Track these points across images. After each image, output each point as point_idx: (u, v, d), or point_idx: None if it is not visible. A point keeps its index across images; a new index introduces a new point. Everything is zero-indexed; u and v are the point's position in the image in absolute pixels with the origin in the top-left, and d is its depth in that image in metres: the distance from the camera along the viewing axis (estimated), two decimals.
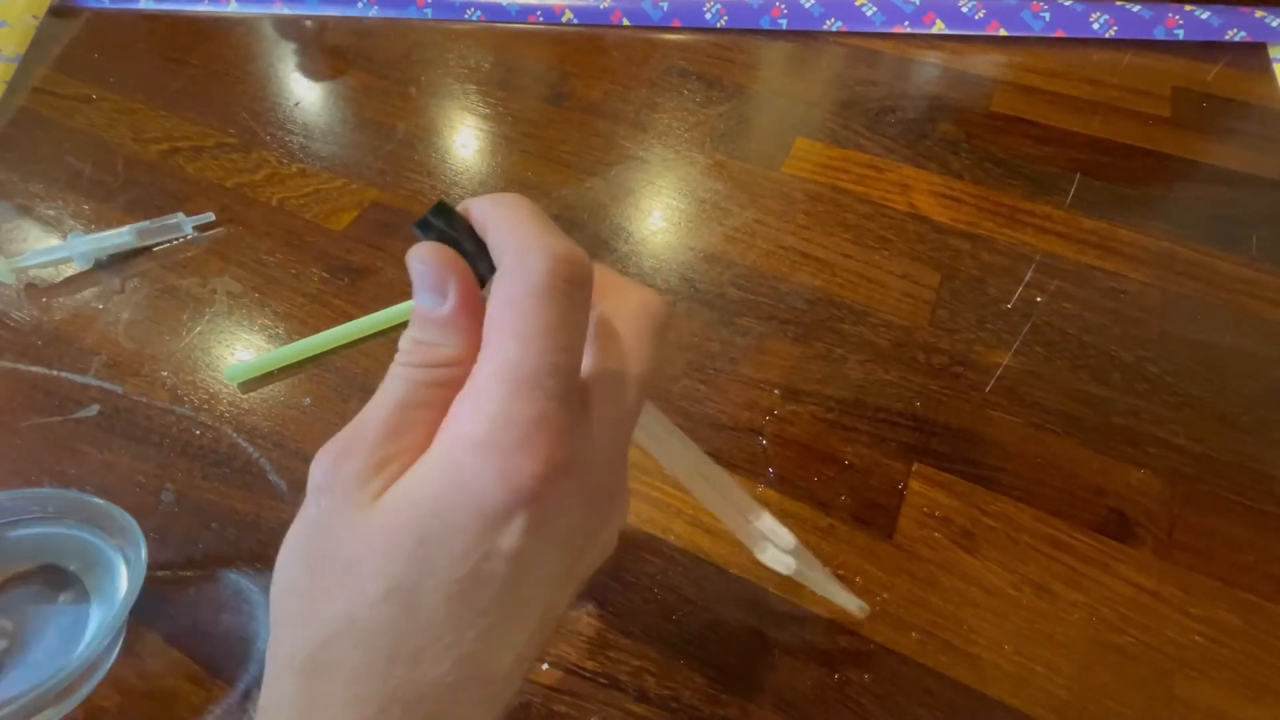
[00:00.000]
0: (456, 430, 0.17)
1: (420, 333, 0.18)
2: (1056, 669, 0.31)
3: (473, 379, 0.17)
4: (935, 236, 0.48)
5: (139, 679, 0.30)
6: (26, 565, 0.32)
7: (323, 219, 0.48)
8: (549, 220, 0.18)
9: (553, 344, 0.17)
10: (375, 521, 0.17)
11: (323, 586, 0.17)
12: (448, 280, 0.18)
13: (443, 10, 0.66)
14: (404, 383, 0.18)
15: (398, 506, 0.17)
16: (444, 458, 0.17)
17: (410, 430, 0.18)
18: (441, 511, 0.17)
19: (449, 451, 0.17)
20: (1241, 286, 0.45)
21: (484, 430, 0.17)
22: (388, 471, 0.17)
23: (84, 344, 0.41)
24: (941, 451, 0.37)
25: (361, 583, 0.17)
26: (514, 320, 0.17)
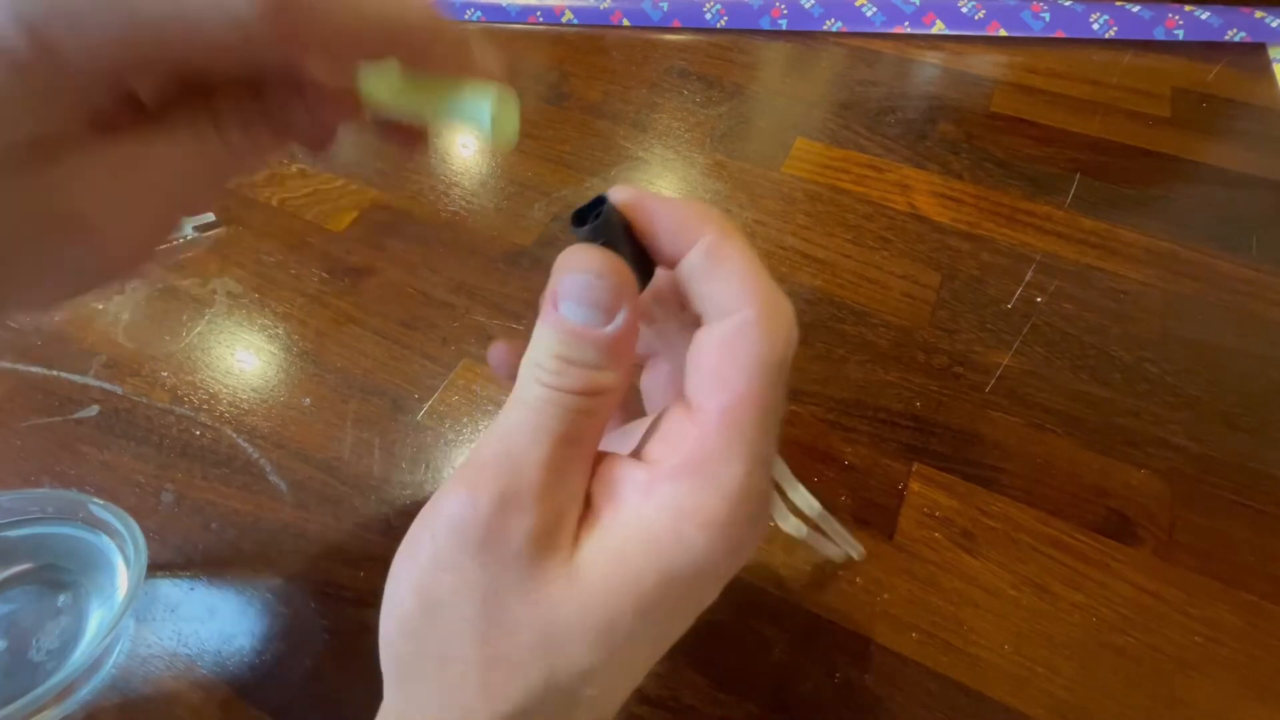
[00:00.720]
0: (679, 499, 0.16)
1: (575, 352, 0.16)
2: (1057, 669, 0.31)
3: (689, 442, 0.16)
4: (935, 237, 0.48)
5: (139, 680, 0.30)
6: (26, 565, 0.32)
7: (323, 219, 0.48)
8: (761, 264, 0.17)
9: (777, 419, 0.16)
10: (581, 589, 0.16)
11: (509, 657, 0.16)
12: (622, 299, 0.16)
13: (442, 11, 0.66)
14: (562, 412, 0.16)
15: (612, 579, 0.16)
16: (670, 531, 0.16)
17: (572, 473, 0.16)
18: (668, 588, 0.16)
19: (674, 525, 0.16)
20: (1242, 287, 0.45)
21: (720, 509, 0.16)
22: (566, 527, 0.16)
23: (84, 344, 0.41)
24: (942, 452, 0.37)
25: (569, 655, 0.16)
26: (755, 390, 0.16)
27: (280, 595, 0.32)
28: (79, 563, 0.32)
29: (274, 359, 0.41)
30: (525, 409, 0.16)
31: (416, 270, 0.45)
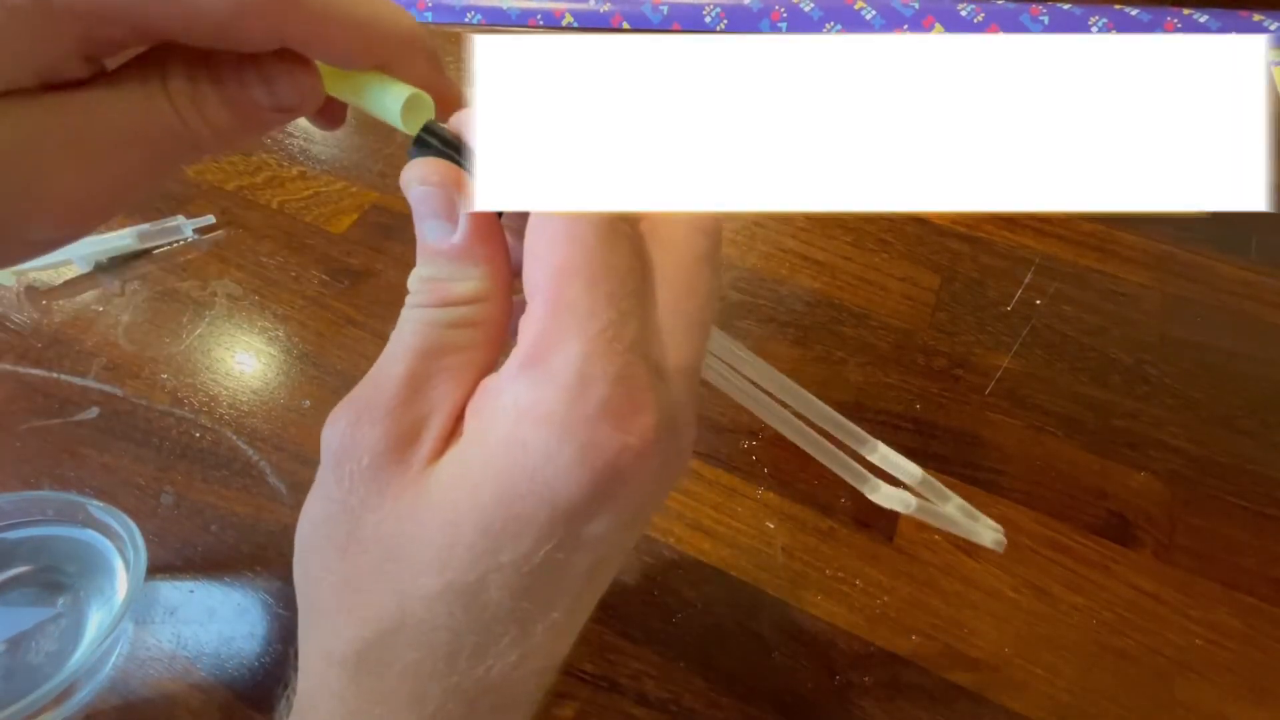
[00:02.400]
0: (517, 398, 0.14)
1: (430, 269, 0.16)
2: (1057, 672, 0.31)
3: (528, 333, 0.14)
4: (935, 239, 0.48)
5: (138, 683, 0.30)
6: (25, 568, 0.32)
7: (323, 222, 0.48)
8: None
9: (622, 286, 0.14)
10: (423, 505, 0.15)
11: (362, 574, 0.15)
12: (457, 203, 0.15)
13: (443, 14, 0.66)
14: (419, 326, 0.16)
15: (452, 492, 0.15)
16: (506, 435, 0.14)
17: (437, 384, 0.15)
18: (509, 501, 0.14)
19: (512, 429, 0.14)
20: (1241, 289, 0.45)
21: (556, 400, 0.14)
22: (424, 439, 0.15)
23: (84, 346, 0.41)
24: (941, 454, 0.37)
25: (413, 574, 0.15)
26: (573, 259, 0.14)
27: (280, 597, 0.32)
28: (78, 565, 0.32)
29: (274, 361, 0.41)
30: (394, 334, 0.16)
31: None
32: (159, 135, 0.16)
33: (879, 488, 0.25)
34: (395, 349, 0.16)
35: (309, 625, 0.16)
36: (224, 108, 0.16)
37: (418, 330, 0.16)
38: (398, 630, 0.15)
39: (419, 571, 0.15)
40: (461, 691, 0.15)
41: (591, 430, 0.14)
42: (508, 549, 0.14)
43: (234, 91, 0.16)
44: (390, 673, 0.15)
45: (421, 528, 0.15)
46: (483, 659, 0.15)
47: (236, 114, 0.17)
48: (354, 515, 0.15)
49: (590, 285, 0.14)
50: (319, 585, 0.16)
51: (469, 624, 0.15)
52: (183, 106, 0.16)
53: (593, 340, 0.14)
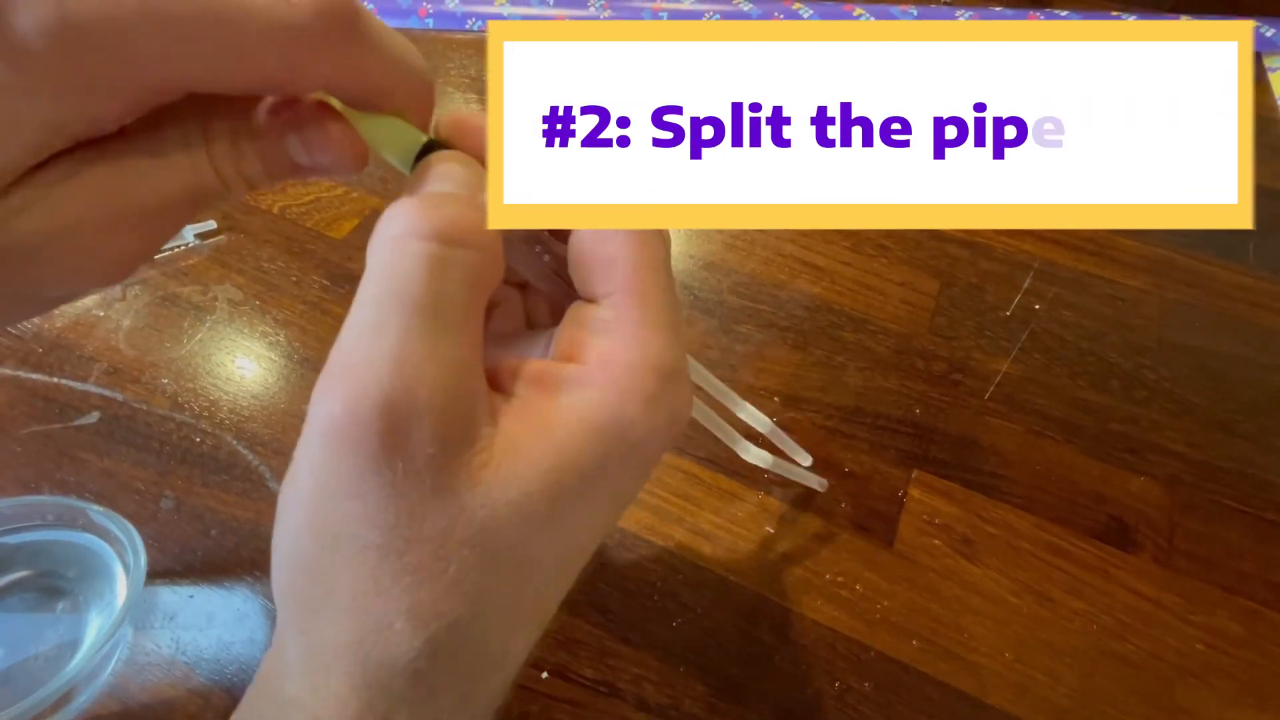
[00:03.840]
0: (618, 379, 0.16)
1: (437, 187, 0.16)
2: (1058, 677, 0.31)
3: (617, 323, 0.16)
4: (934, 244, 0.48)
5: (137, 688, 0.30)
6: (25, 573, 0.32)
7: (324, 227, 0.49)
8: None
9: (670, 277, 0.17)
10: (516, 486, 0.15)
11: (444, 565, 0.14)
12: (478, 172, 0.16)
13: (444, 21, 0.67)
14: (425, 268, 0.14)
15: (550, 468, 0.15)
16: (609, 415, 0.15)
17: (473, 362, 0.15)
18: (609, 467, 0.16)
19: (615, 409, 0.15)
20: (1239, 294, 0.45)
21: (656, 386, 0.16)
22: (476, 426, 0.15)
23: (85, 351, 0.41)
24: (941, 459, 0.37)
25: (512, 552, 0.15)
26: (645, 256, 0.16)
27: None
28: (78, 570, 0.32)
29: (274, 366, 0.41)
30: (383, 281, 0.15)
31: None
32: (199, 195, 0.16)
33: (749, 448, 0.29)
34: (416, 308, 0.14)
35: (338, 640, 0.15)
36: (261, 165, 0.16)
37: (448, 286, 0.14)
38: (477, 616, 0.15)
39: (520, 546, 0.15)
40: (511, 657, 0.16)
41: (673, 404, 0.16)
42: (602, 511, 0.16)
43: (273, 150, 0.16)
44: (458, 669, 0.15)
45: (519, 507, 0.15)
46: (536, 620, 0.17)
47: (272, 171, 0.17)
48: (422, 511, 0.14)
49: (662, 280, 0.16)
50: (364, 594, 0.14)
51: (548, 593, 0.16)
52: (224, 168, 0.16)
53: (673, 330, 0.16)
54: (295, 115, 0.16)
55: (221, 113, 0.16)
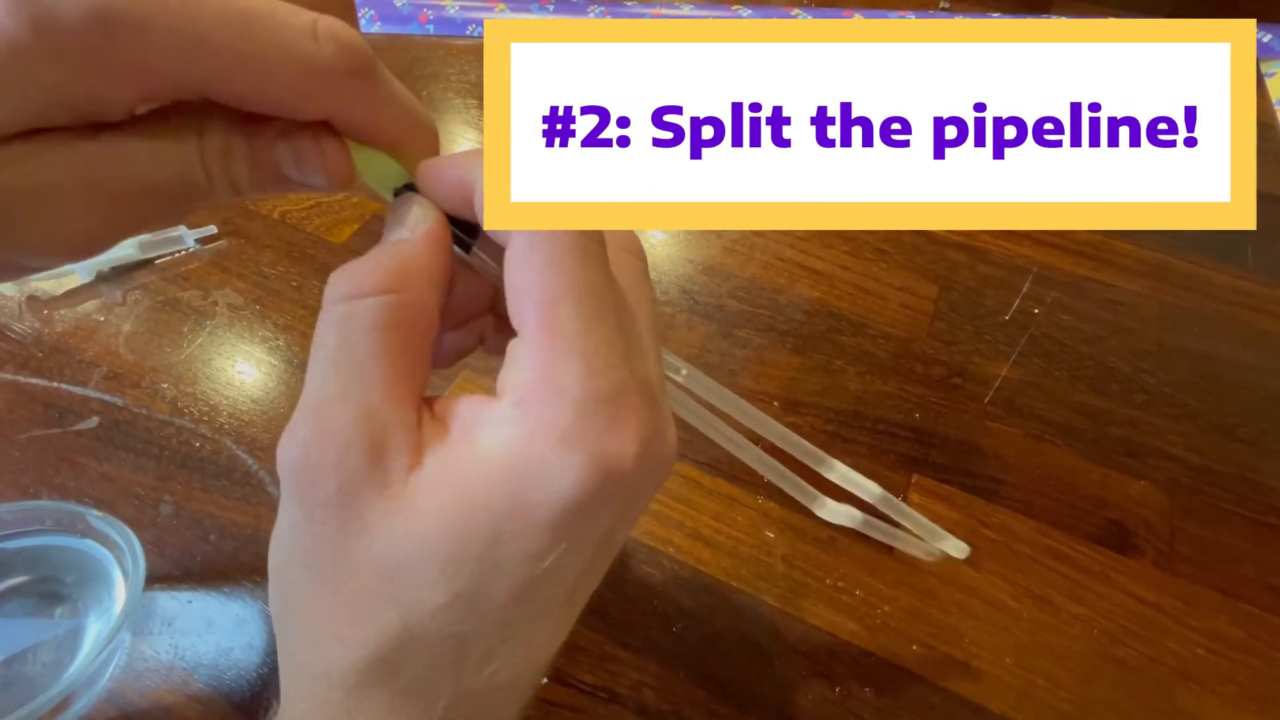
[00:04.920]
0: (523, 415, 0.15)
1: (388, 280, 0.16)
2: (1058, 682, 0.31)
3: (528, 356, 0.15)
4: (932, 248, 0.48)
5: (135, 694, 0.30)
6: (23, 578, 0.32)
7: (324, 232, 0.49)
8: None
9: (604, 305, 0.15)
10: (420, 520, 0.15)
11: (358, 599, 0.15)
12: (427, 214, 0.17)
13: (444, 27, 0.67)
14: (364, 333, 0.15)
15: (453, 505, 0.15)
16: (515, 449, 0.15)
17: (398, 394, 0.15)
18: (521, 509, 0.15)
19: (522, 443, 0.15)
20: (1238, 298, 0.45)
21: (569, 418, 0.15)
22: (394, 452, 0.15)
23: (85, 356, 0.41)
24: (941, 463, 0.37)
25: (417, 590, 0.15)
26: (558, 284, 0.15)
27: None
28: (77, 575, 0.32)
29: (274, 370, 0.41)
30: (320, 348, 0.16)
31: None
32: (183, 189, 0.16)
33: (825, 504, 0.26)
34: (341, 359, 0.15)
35: (297, 655, 0.16)
36: (250, 171, 0.17)
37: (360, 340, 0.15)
38: (403, 646, 0.15)
39: (424, 586, 0.15)
40: (469, 695, 0.16)
41: (598, 441, 0.15)
42: (518, 555, 0.15)
43: (265, 159, 0.17)
44: (397, 685, 0.15)
45: (423, 544, 0.15)
46: (489, 662, 0.16)
47: (260, 180, 0.17)
48: (335, 545, 0.15)
49: (579, 304, 0.15)
50: (306, 618, 0.16)
51: (476, 630, 0.15)
52: (212, 166, 0.16)
53: (590, 358, 0.15)
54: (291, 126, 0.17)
55: (219, 112, 0.16)
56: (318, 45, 0.15)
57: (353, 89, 0.16)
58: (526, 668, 0.16)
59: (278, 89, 0.15)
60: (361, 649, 0.15)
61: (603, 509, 0.15)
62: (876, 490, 0.26)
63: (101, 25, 0.13)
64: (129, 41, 0.13)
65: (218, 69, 0.14)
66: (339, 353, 0.15)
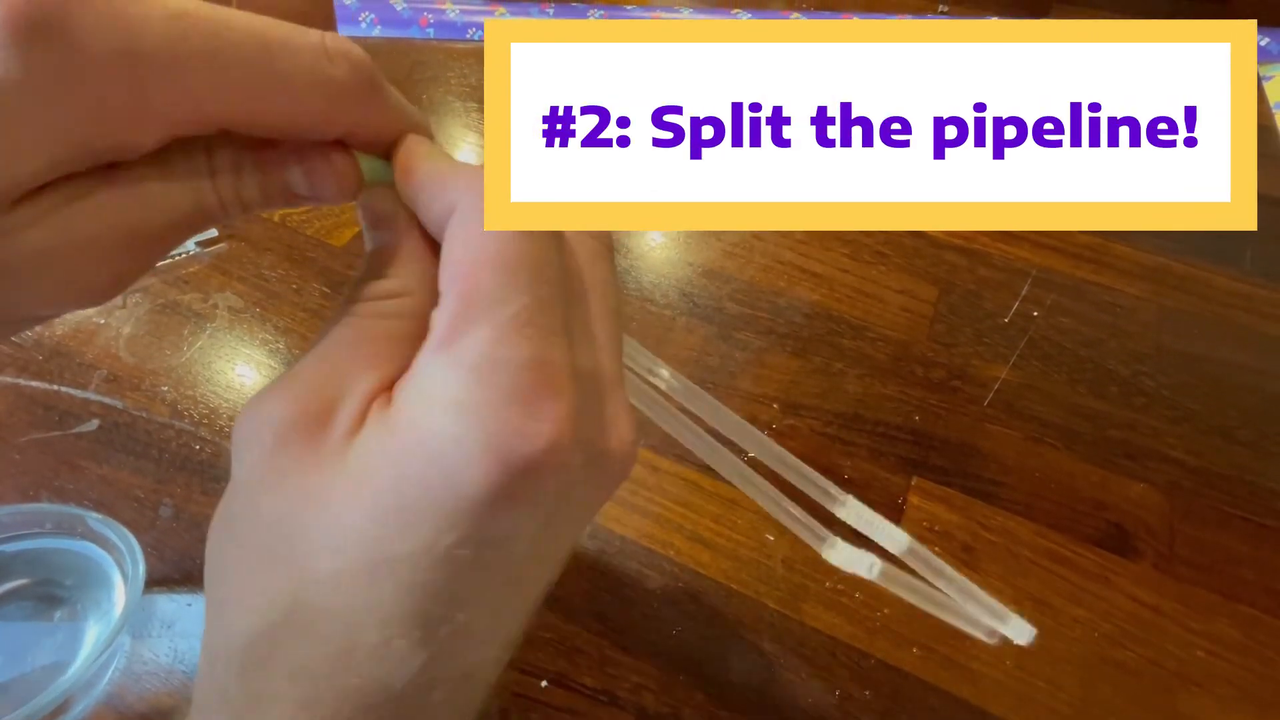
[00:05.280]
0: (426, 382, 0.14)
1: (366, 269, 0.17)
2: (1058, 685, 0.31)
3: (440, 321, 0.14)
4: (932, 251, 0.48)
5: (134, 697, 0.30)
6: (23, 581, 0.32)
7: (324, 235, 0.49)
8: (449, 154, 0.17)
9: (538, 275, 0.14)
10: (325, 485, 0.14)
11: (258, 562, 0.14)
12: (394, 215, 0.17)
13: (445, 30, 0.67)
14: (345, 318, 0.16)
15: (356, 474, 0.14)
16: (412, 419, 0.14)
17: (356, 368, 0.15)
18: (406, 490, 0.13)
19: (417, 414, 0.14)
20: (1236, 301, 0.45)
21: (461, 383, 0.13)
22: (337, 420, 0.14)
23: (85, 359, 0.41)
24: (940, 465, 0.37)
25: (309, 555, 0.14)
26: (485, 249, 0.14)
27: None
28: (76, 578, 0.32)
29: (275, 373, 0.41)
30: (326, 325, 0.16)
31: None
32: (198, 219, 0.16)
33: (837, 546, 0.22)
34: (323, 336, 0.16)
35: (209, 622, 0.15)
36: (261, 192, 0.17)
37: (347, 322, 0.16)
38: (288, 620, 0.14)
39: (315, 551, 0.14)
40: (360, 696, 0.14)
41: (499, 417, 0.13)
42: (405, 539, 0.13)
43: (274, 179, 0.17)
44: (279, 669, 0.14)
45: (319, 508, 0.14)
46: (381, 662, 0.14)
47: (270, 198, 0.17)
48: (252, 498, 0.15)
49: (502, 272, 0.14)
50: (218, 576, 0.15)
51: (364, 617, 0.14)
52: (225, 192, 0.16)
53: (502, 325, 0.14)
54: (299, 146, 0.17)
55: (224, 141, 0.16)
56: (333, 65, 0.15)
57: (364, 103, 0.16)
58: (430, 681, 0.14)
59: (301, 113, 0.15)
60: (251, 616, 0.14)
61: (507, 502, 0.13)
62: (904, 540, 0.21)
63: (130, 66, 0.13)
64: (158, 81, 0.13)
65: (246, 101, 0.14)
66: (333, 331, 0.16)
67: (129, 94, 0.13)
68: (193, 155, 0.16)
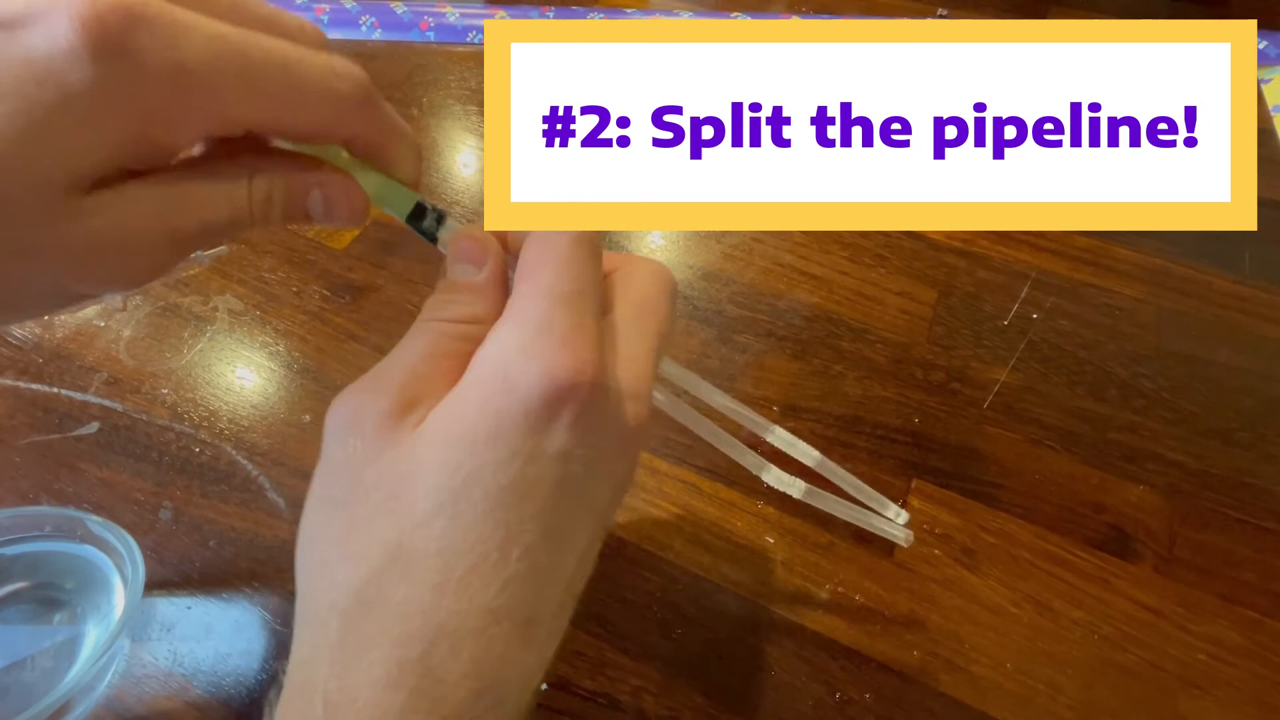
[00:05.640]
0: (498, 343, 0.18)
1: (448, 296, 0.20)
2: (1059, 688, 0.31)
3: (510, 305, 0.19)
4: (931, 254, 0.48)
5: (134, 701, 0.30)
6: (22, 584, 0.32)
7: (324, 237, 0.49)
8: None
9: (586, 275, 0.19)
10: (420, 445, 0.17)
11: (362, 519, 0.17)
12: (488, 254, 0.20)
13: (445, 33, 0.67)
14: (430, 335, 0.19)
15: (442, 423, 0.17)
16: (488, 367, 0.18)
17: (436, 377, 0.19)
18: (488, 414, 0.17)
19: (492, 361, 0.18)
20: (1235, 303, 0.45)
21: (528, 336, 0.18)
22: (420, 409, 0.18)
23: (85, 361, 0.41)
24: (940, 468, 0.37)
25: (410, 505, 0.17)
26: (550, 256, 0.19)
27: (278, 614, 0.32)
28: (76, 581, 0.32)
29: (274, 376, 0.41)
30: (406, 338, 0.20)
31: (417, 288, 0.46)
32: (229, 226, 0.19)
33: (771, 470, 0.27)
34: (405, 347, 0.19)
35: (309, 589, 0.18)
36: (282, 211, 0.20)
37: (428, 337, 0.19)
38: (392, 564, 0.17)
39: (416, 499, 0.17)
40: (445, 631, 0.17)
41: (552, 354, 0.17)
42: (488, 458, 0.17)
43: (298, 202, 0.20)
44: (381, 613, 0.17)
45: (417, 461, 0.17)
46: (466, 588, 0.17)
47: (290, 218, 0.20)
48: (356, 471, 0.18)
49: (558, 269, 0.18)
50: (317, 545, 0.18)
51: (454, 544, 0.17)
52: (256, 207, 0.19)
53: (556, 300, 0.18)
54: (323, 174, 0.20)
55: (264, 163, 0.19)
56: (339, 81, 0.18)
57: (365, 114, 0.19)
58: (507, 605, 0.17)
59: (312, 119, 0.18)
60: (359, 567, 0.17)
61: (554, 417, 0.17)
62: (815, 454, 0.27)
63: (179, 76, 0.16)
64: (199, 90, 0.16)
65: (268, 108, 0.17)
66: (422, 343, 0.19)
67: (175, 100, 0.16)
68: (236, 170, 0.19)
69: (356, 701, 0.16)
